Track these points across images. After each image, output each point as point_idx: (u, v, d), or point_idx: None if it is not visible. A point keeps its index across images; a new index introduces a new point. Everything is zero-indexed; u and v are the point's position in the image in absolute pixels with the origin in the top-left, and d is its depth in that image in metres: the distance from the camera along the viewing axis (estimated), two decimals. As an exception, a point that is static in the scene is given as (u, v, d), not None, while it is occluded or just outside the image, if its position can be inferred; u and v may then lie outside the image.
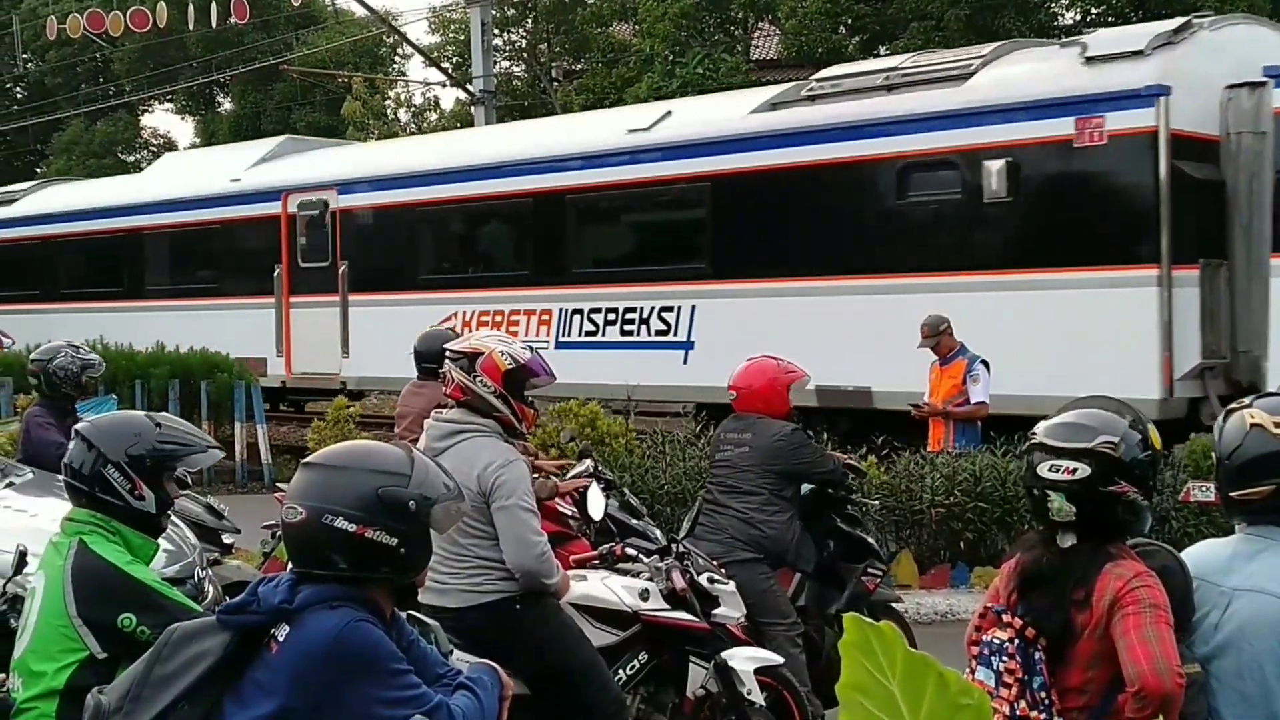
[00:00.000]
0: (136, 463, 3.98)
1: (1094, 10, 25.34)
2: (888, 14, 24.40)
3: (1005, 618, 3.46)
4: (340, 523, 3.02)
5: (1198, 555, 3.59)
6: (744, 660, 5.55)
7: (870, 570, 6.74)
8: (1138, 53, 11.27)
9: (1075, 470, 3.39)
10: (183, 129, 73.94)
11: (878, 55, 25.43)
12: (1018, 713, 3.35)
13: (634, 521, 6.27)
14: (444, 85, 30.01)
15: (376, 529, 3.04)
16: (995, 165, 11.53)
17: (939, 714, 1.53)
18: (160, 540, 4.23)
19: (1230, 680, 3.36)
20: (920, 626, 8.14)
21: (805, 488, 6.64)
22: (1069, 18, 25.98)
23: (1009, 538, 9.50)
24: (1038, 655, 3.41)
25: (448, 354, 5.12)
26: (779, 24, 26.83)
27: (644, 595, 5.39)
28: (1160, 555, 3.54)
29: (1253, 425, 3.39)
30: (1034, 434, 3.54)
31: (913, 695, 1.55)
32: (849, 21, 25.15)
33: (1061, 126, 11.38)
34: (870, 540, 6.94)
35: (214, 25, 23.59)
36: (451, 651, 3.52)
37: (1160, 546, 3.62)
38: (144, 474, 3.99)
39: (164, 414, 4.39)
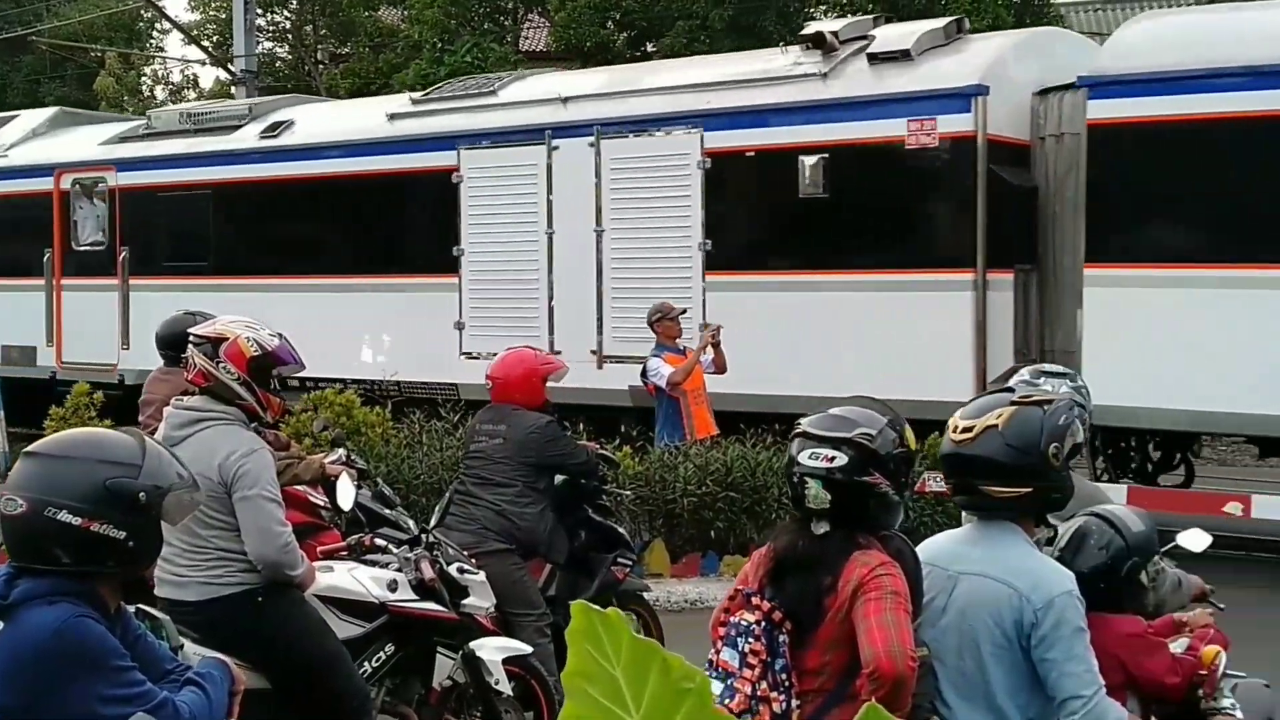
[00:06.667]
0: None
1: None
2: (655, 11, 24.65)
3: (754, 600, 3.56)
4: (63, 516, 2.90)
5: (933, 544, 3.81)
6: (492, 650, 5.56)
7: (620, 560, 6.84)
8: None
9: (833, 459, 3.52)
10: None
11: (644, 51, 25.69)
12: (759, 693, 3.44)
13: (386, 511, 6.19)
14: (203, 64, 28.97)
15: (103, 522, 2.92)
16: None
17: (662, 698, 1.55)
18: None
19: (952, 659, 3.56)
20: (670, 614, 8.27)
21: (558, 479, 6.68)
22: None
23: (758, 527, 9.74)
24: (782, 638, 3.51)
25: (191, 338, 4.97)
26: (549, 16, 26.83)
27: (392, 586, 5.34)
28: (894, 541, 3.70)
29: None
30: (799, 424, 3.67)
31: (636, 680, 1.56)
32: (617, 17, 25.30)
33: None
34: (620, 530, 7.06)
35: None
36: (182, 645, 3.43)
37: (894, 533, 3.78)
38: None
39: None
